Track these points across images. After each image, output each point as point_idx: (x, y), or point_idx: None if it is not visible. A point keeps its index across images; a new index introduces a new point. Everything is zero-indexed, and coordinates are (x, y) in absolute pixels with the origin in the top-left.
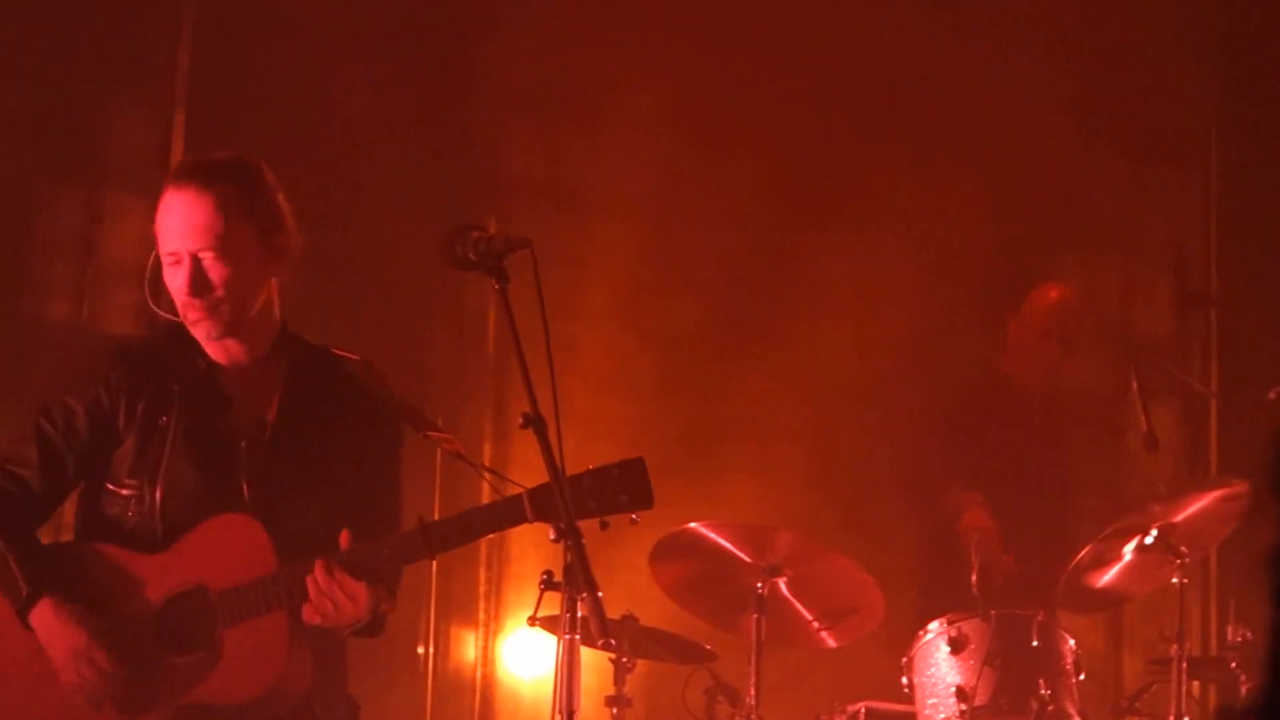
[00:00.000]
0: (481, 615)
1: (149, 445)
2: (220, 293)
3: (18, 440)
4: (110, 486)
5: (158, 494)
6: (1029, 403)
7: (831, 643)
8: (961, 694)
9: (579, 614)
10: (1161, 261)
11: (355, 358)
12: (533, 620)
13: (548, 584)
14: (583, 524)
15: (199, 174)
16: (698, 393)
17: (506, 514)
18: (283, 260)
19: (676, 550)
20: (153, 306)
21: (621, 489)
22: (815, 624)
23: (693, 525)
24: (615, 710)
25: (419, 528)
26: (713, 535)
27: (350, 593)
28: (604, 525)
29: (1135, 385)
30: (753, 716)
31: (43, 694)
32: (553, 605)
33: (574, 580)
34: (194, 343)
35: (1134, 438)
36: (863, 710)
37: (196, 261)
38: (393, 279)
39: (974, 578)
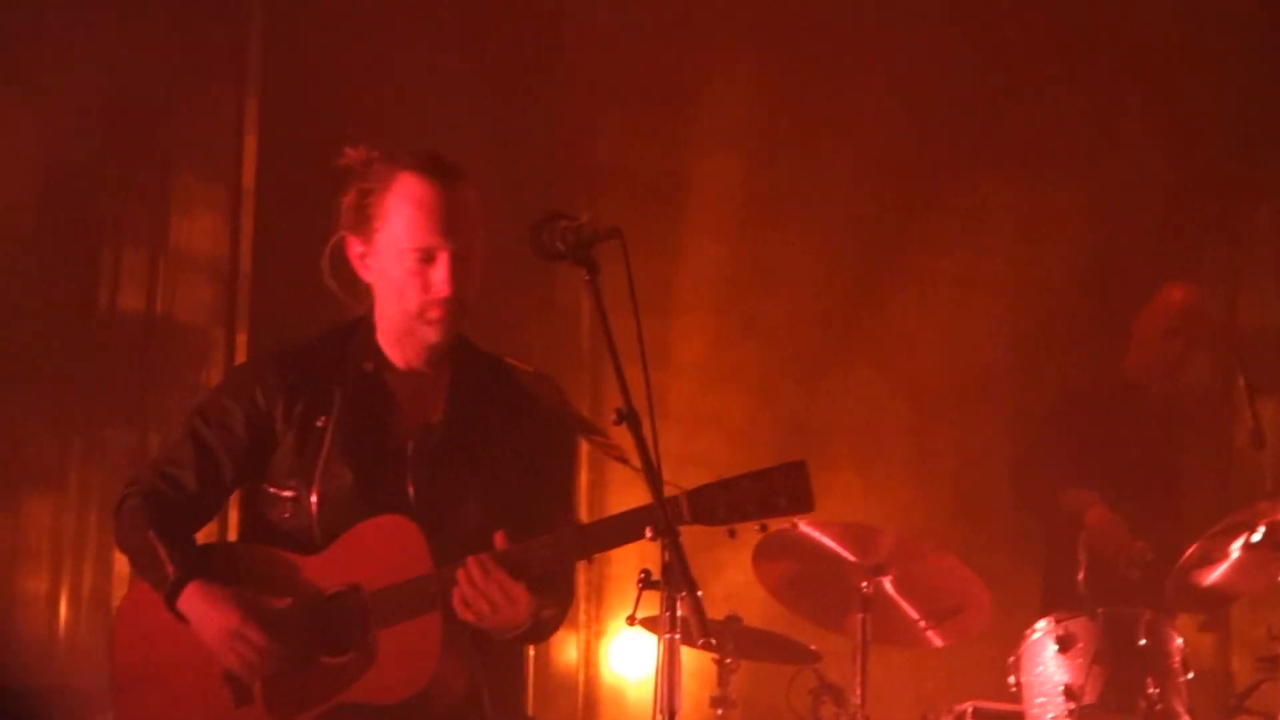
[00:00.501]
0: (583, 617)
1: (306, 447)
2: (468, 293)
3: (173, 443)
4: (269, 489)
5: (314, 497)
6: (1146, 404)
7: (938, 642)
8: (1069, 693)
9: (679, 613)
10: (1269, 255)
11: (529, 369)
12: (631, 620)
13: (646, 583)
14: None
15: (450, 170)
16: (799, 387)
17: (660, 515)
18: None
19: (780, 550)
20: (335, 290)
21: (781, 492)
22: (921, 623)
23: (796, 524)
24: (720, 711)
25: (573, 529)
26: (816, 534)
27: (508, 593)
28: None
29: (1242, 381)
30: (858, 717)
31: (193, 694)
32: (652, 605)
33: (673, 579)
34: (362, 344)
35: (1241, 434)
36: (970, 709)
37: (456, 259)
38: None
39: (1080, 575)
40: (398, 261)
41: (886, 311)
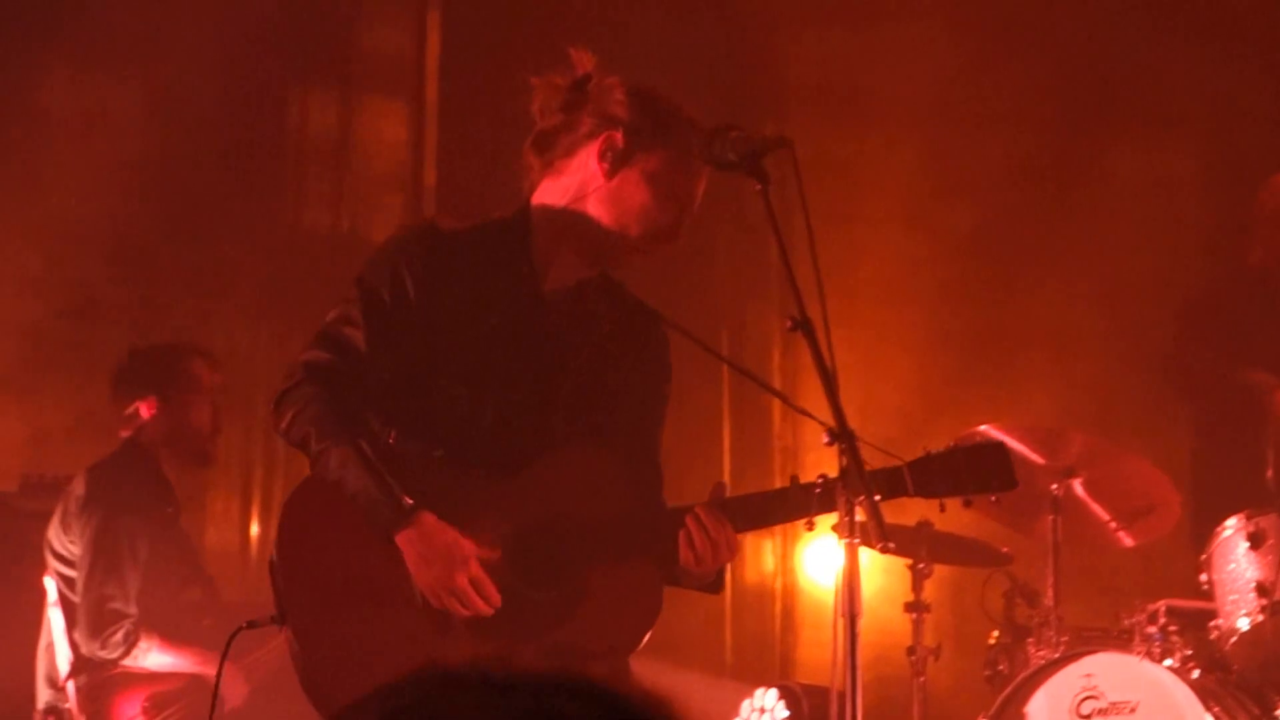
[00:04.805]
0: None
1: (480, 346)
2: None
3: (341, 306)
4: (435, 379)
5: (488, 400)
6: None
7: (1129, 542)
8: (1261, 589)
9: (858, 518)
10: None
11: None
12: (810, 525)
13: (825, 489)
14: None
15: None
16: (986, 297)
17: (885, 483)
18: None
19: None
20: (531, 166)
21: (992, 471)
22: (1112, 524)
23: (983, 428)
24: (914, 616)
25: (797, 485)
26: (1005, 438)
27: (729, 542)
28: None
29: None
30: (1051, 618)
31: (387, 619)
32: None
33: (851, 485)
34: (519, 246)
35: None
36: (1163, 608)
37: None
38: None
39: (1270, 473)
40: (662, 191)
41: (1075, 216)
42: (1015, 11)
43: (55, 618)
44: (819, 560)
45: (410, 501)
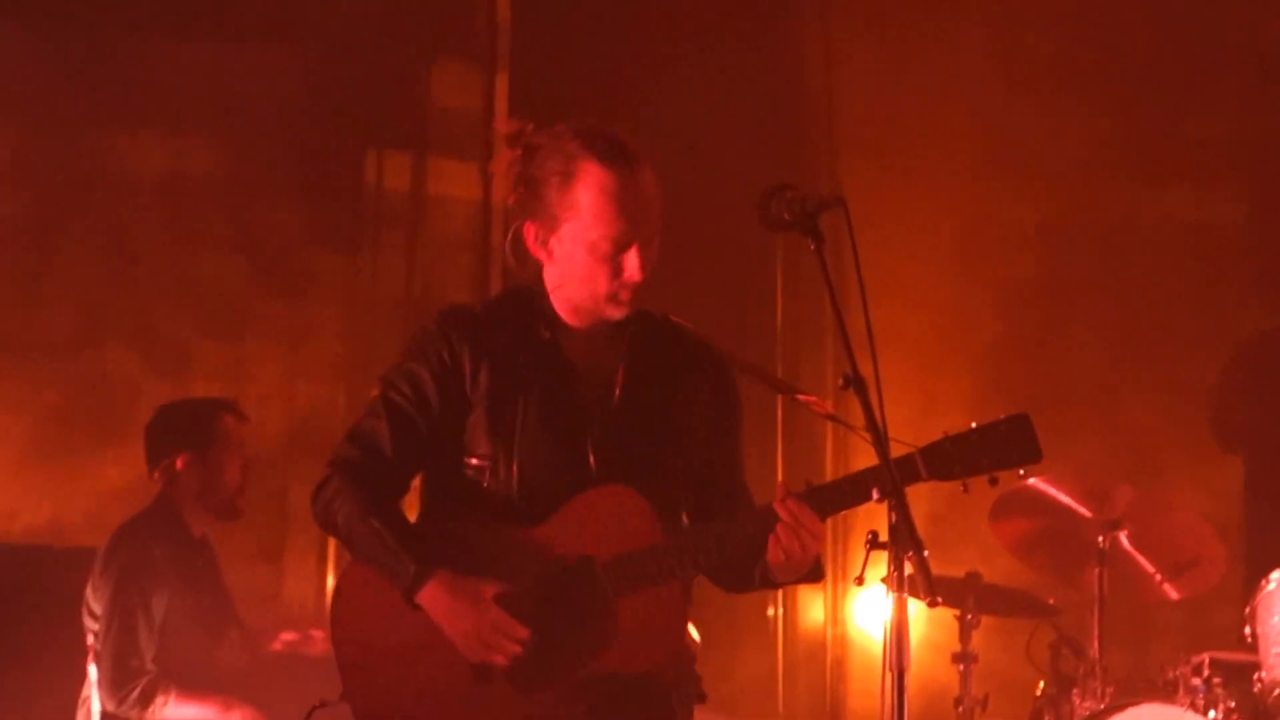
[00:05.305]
0: (829, 575)
1: (501, 414)
2: (650, 272)
3: (366, 414)
4: (463, 457)
5: (515, 466)
6: None
7: (1174, 595)
8: None
9: (906, 572)
10: None
11: (694, 328)
12: (859, 580)
13: (873, 544)
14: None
15: (632, 154)
16: (1034, 347)
17: (900, 473)
18: None
19: (1016, 507)
20: (513, 266)
21: (1010, 444)
22: (1157, 576)
23: (1031, 481)
24: (961, 666)
25: (811, 488)
26: (1052, 491)
27: (815, 532)
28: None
29: None
30: (1096, 669)
31: (428, 671)
32: (882, 566)
33: (900, 540)
34: (538, 311)
35: None
36: (1207, 661)
37: (645, 245)
38: (727, 237)
39: None
40: (589, 252)
41: (1122, 266)
42: (1060, 61)
43: (91, 671)
44: (869, 611)
45: (414, 567)
